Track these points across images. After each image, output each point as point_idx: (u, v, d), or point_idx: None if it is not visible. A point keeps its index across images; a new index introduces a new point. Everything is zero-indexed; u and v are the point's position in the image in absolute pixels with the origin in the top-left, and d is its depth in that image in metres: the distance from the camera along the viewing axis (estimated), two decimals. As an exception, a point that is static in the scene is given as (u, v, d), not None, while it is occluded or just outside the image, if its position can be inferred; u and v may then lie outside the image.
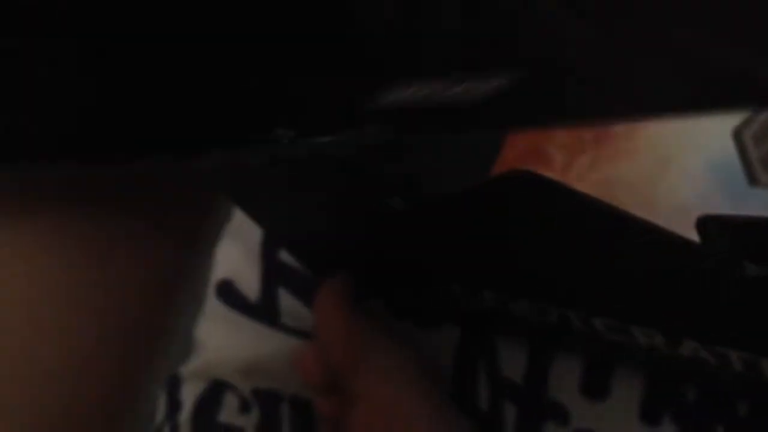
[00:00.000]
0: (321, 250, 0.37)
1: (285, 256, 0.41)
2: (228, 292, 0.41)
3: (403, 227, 0.28)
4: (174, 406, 0.42)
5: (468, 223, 0.26)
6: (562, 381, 0.38)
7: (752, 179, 0.28)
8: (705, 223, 0.20)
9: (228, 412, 0.41)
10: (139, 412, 0.22)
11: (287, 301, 0.41)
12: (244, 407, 0.41)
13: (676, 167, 0.31)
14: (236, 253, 0.41)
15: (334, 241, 0.35)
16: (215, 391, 0.41)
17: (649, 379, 0.37)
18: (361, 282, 0.38)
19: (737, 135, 0.29)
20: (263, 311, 0.41)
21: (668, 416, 0.37)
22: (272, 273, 0.41)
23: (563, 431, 0.38)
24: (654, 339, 0.30)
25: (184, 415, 0.41)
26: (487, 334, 0.39)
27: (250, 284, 0.41)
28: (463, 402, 0.38)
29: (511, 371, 0.39)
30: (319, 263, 0.38)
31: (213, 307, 0.41)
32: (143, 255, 0.20)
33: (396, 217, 0.27)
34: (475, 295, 0.32)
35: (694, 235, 0.21)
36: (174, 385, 0.42)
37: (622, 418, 0.37)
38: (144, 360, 0.22)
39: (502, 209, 0.24)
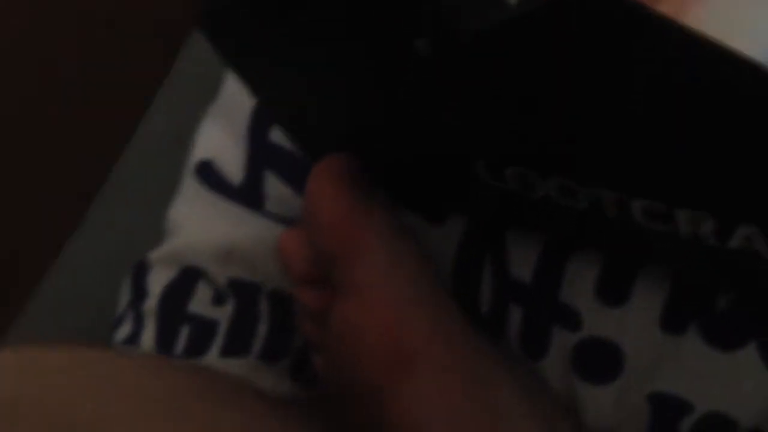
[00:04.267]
0: (322, 125, 0.32)
1: (276, 136, 0.36)
2: (208, 173, 0.37)
3: (429, 80, 0.23)
4: (139, 293, 0.38)
5: (507, 70, 0.22)
6: (576, 282, 0.34)
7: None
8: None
9: (199, 301, 0.37)
10: None
11: (275, 186, 0.37)
12: (219, 298, 0.37)
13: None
14: (220, 132, 0.37)
15: (339, 113, 0.30)
16: (187, 278, 0.37)
17: (674, 286, 0.33)
18: (364, 166, 0.33)
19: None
20: (247, 195, 0.37)
21: (694, 326, 0.33)
22: (260, 154, 0.37)
23: (573, 337, 0.34)
24: (701, 226, 0.26)
25: (149, 303, 0.37)
26: (497, 227, 0.35)
27: (233, 165, 0.37)
28: (464, 302, 0.35)
29: (519, 270, 0.35)
30: (317, 144, 0.34)
31: (190, 188, 0.37)
32: None
33: (420, 65, 0.23)
34: (498, 174, 0.28)
35: None
36: (140, 271, 0.38)
37: (641, 326, 0.34)
38: None
39: (551, 46, 0.20)
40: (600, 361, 0.34)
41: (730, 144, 0.21)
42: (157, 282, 0.37)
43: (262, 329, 0.37)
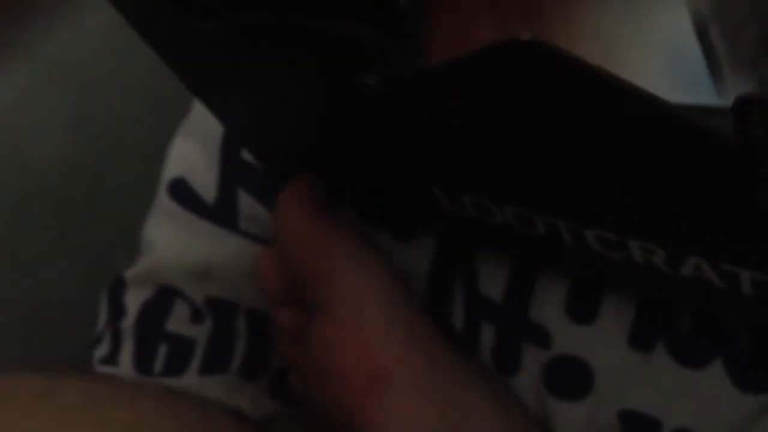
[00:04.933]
0: (285, 146, 0.33)
1: (247, 154, 0.37)
2: (181, 191, 0.37)
3: (379, 111, 0.24)
4: (117, 311, 0.38)
5: (455, 105, 0.22)
6: (546, 301, 0.34)
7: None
8: (746, 105, 0.16)
9: (177, 320, 0.37)
10: None
11: (248, 204, 0.37)
12: (196, 316, 0.37)
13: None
14: (192, 149, 0.37)
15: (299, 135, 0.30)
16: (163, 297, 0.37)
17: (642, 303, 0.33)
18: (330, 186, 0.34)
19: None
20: (220, 213, 0.37)
21: (661, 343, 0.33)
22: (232, 172, 0.37)
23: (544, 355, 0.35)
24: (653, 255, 0.26)
25: (128, 321, 0.37)
26: (466, 248, 0.35)
27: (206, 183, 0.37)
28: (437, 321, 0.35)
29: (490, 289, 0.35)
30: (282, 165, 0.34)
31: (164, 206, 0.37)
32: None
33: (370, 98, 0.23)
34: (456, 200, 0.28)
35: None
36: (117, 289, 0.38)
37: (610, 343, 0.34)
38: None
39: (499, 86, 0.20)
40: (570, 378, 0.35)
41: (666, 181, 0.21)
42: (134, 300, 0.38)
43: (240, 347, 0.38)
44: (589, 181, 0.23)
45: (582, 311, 0.34)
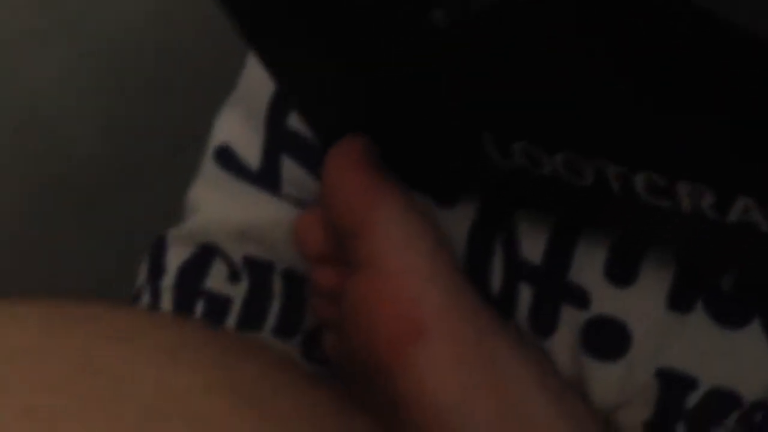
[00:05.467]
0: (337, 105, 0.33)
1: (294, 122, 0.37)
2: (227, 158, 0.38)
3: (441, 51, 0.24)
4: (157, 270, 0.38)
5: (521, 42, 0.22)
6: (585, 263, 0.35)
7: None
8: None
9: (215, 279, 0.38)
10: None
11: (292, 170, 0.38)
12: (234, 276, 0.38)
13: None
14: (238, 118, 0.38)
15: (355, 89, 0.31)
16: (204, 256, 0.38)
17: (682, 266, 0.34)
18: (379, 150, 0.34)
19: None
20: (264, 178, 0.38)
21: (700, 304, 0.34)
22: (277, 139, 0.38)
23: (581, 316, 0.35)
24: (701, 199, 0.27)
25: (167, 281, 0.38)
26: (507, 210, 0.36)
27: (251, 151, 0.38)
28: (476, 282, 0.35)
29: (529, 251, 0.36)
30: (333, 129, 0.35)
31: (210, 171, 0.38)
32: None
33: (435, 37, 0.23)
34: (506, 149, 0.29)
35: None
36: (159, 249, 0.38)
37: (648, 305, 0.35)
38: None
39: (570, 23, 0.21)
40: (607, 338, 0.35)
41: (724, 112, 0.22)
42: (175, 259, 0.38)
43: (275, 307, 0.38)
44: (641, 112, 0.23)
45: (622, 273, 0.35)
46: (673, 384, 0.34)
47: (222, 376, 0.23)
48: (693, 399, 0.34)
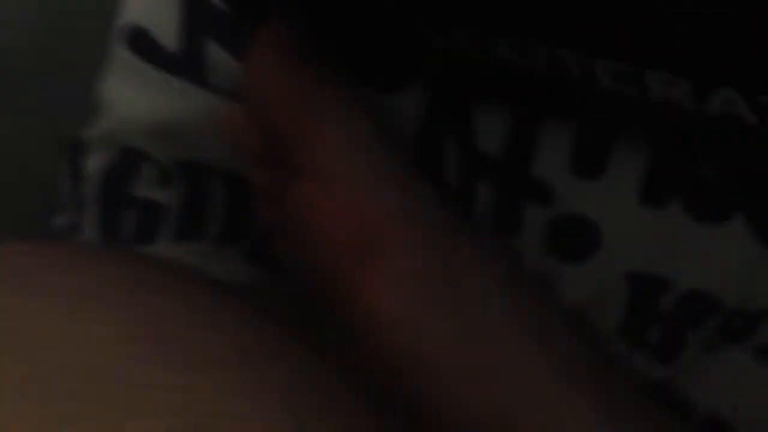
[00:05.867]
0: None
1: (214, -3, 0.33)
2: (141, 42, 0.34)
3: None
4: (78, 177, 0.35)
5: None
6: (549, 155, 0.31)
7: None
8: None
9: (144, 184, 0.34)
10: None
11: (216, 55, 0.33)
12: (165, 179, 0.34)
13: None
14: (151, -7, 0.33)
15: None
16: (128, 160, 0.34)
17: (656, 152, 0.30)
18: (305, 33, 0.30)
19: None
20: (185, 65, 0.33)
21: (675, 198, 0.30)
22: (197, 18, 0.33)
23: (547, 213, 0.32)
24: (675, 89, 0.23)
25: (90, 189, 0.34)
26: (460, 97, 0.32)
27: (167, 31, 0.33)
28: (429, 178, 0.32)
29: (487, 143, 0.32)
30: (254, 7, 0.30)
31: (123, 59, 0.34)
32: None
33: None
34: (447, 35, 0.24)
35: None
36: (78, 154, 0.35)
37: (619, 199, 0.31)
38: None
39: None
40: (576, 238, 0.32)
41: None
42: (96, 165, 0.34)
43: (216, 211, 0.35)
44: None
45: (588, 165, 0.31)
46: (646, 285, 0.31)
47: (140, 322, 0.21)
48: (668, 301, 0.31)
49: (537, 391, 0.29)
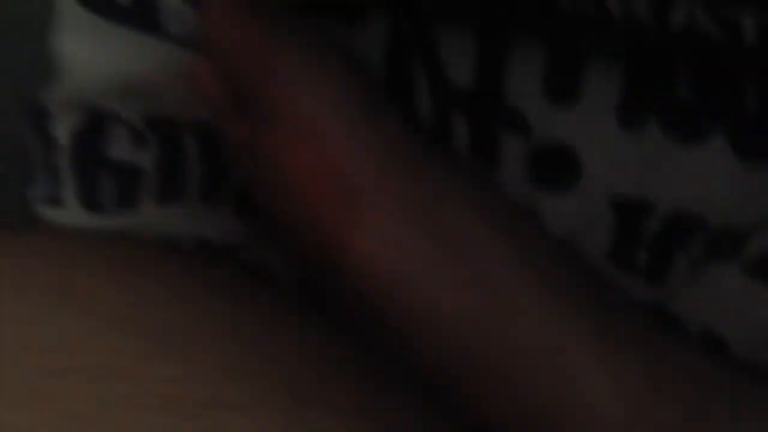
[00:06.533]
0: None
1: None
2: None
3: None
4: (48, 145, 0.34)
5: None
6: (521, 80, 0.30)
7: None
8: None
9: (118, 146, 0.33)
10: None
11: (169, 2, 0.32)
12: (138, 140, 0.33)
13: None
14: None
15: None
16: (96, 122, 0.33)
17: (629, 72, 0.29)
18: None
19: None
20: (138, 15, 0.32)
21: (653, 119, 0.29)
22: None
23: (525, 144, 0.31)
24: (633, 3, 0.21)
25: (62, 155, 0.34)
26: (424, 24, 0.30)
27: (118, -18, 0.32)
28: (403, 114, 0.31)
29: (457, 73, 0.31)
30: None
31: (71, 14, 0.32)
32: None
33: None
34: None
35: None
36: (42, 120, 0.34)
37: (596, 125, 0.30)
38: None
39: None
40: (556, 167, 0.31)
41: None
42: (64, 130, 0.34)
43: (195, 168, 0.34)
44: None
45: (562, 89, 0.30)
46: (630, 210, 0.31)
47: (121, 314, 0.20)
48: (653, 225, 0.31)
49: (531, 317, 0.29)
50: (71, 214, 0.34)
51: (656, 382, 0.29)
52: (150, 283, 0.22)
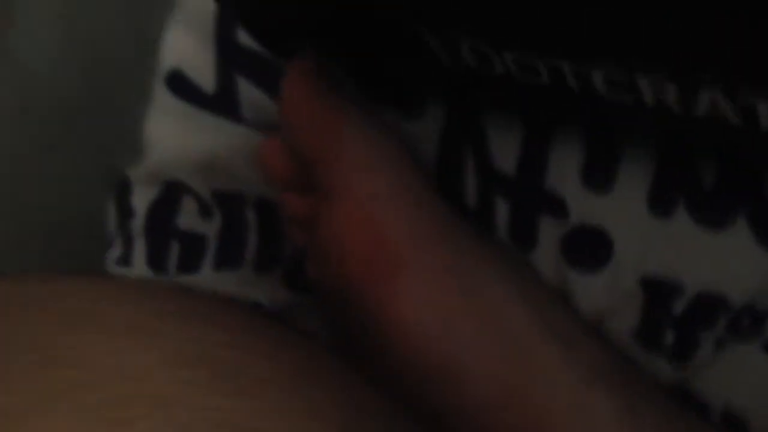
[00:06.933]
0: (284, 20, 0.31)
1: (244, 37, 0.35)
2: (179, 83, 0.36)
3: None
4: (126, 213, 0.37)
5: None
6: (561, 170, 0.33)
7: None
8: None
9: (187, 216, 0.37)
10: None
11: (248, 91, 0.36)
12: (205, 211, 0.37)
13: None
14: (185, 39, 0.36)
15: (300, 7, 0.29)
16: (171, 194, 0.37)
17: (661, 164, 0.32)
18: (332, 63, 0.32)
19: None
20: (220, 102, 0.36)
21: (681, 205, 0.32)
22: (228, 58, 0.36)
23: (562, 226, 0.34)
24: (664, 93, 0.25)
25: (137, 221, 0.37)
26: (475, 118, 0.34)
27: (203, 73, 0.36)
28: (449, 198, 0.34)
29: (502, 161, 0.34)
30: (282, 41, 0.33)
31: (163, 101, 0.36)
32: None
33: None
34: (453, 49, 0.27)
35: None
36: (124, 191, 0.37)
37: (629, 210, 0.33)
38: None
39: None
40: (589, 248, 0.33)
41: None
42: (142, 201, 0.37)
43: (252, 239, 0.37)
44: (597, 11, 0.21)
45: (599, 178, 0.33)
46: (658, 290, 0.33)
47: (186, 349, 0.22)
48: (680, 305, 0.33)
49: (566, 395, 0.31)
50: (138, 273, 0.37)
51: None
52: (218, 331, 0.24)
